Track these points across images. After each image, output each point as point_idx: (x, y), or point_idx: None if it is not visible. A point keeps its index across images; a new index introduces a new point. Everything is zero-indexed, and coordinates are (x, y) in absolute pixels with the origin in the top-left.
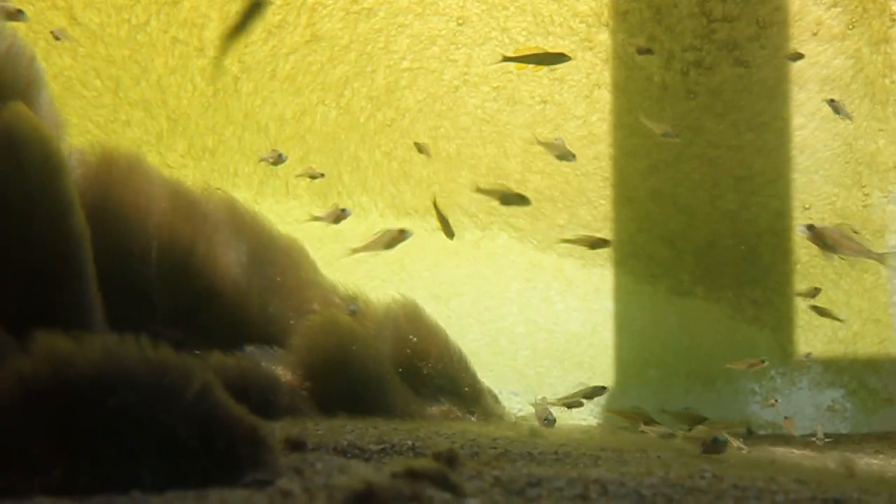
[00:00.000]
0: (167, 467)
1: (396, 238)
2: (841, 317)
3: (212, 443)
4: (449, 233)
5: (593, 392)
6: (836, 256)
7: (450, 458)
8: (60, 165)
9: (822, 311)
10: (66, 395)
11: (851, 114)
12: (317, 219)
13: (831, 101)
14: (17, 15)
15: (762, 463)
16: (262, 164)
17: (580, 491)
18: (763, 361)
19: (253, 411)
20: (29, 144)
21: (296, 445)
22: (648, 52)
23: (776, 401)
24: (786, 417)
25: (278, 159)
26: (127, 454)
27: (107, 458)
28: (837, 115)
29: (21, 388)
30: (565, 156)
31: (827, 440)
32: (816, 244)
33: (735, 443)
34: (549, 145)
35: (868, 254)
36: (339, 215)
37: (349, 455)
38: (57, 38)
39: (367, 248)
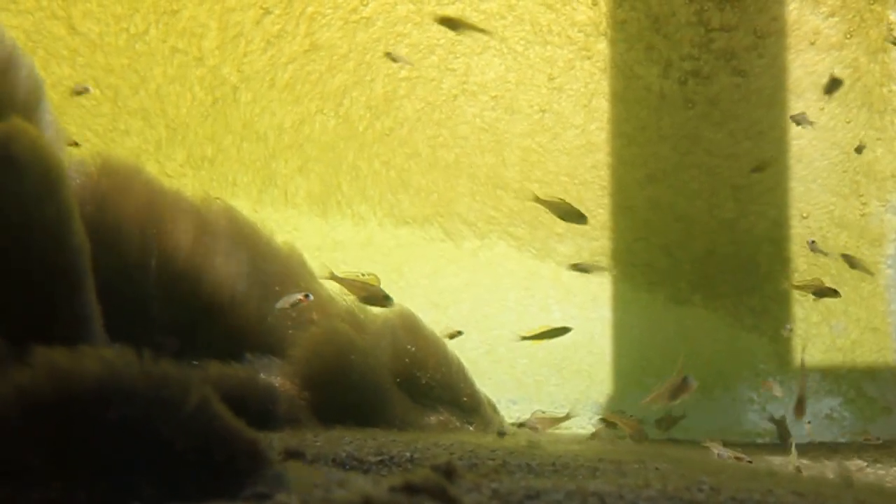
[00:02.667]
0: (166, 480)
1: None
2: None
3: (210, 456)
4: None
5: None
6: (833, 265)
7: (448, 471)
8: (59, 177)
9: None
10: (66, 407)
11: (849, 122)
12: None
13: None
14: None
15: (760, 474)
16: (261, 173)
17: None
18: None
19: (252, 422)
20: (27, 156)
21: (294, 456)
22: None
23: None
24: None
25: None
26: (126, 467)
27: (106, 471)
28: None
29: (20, 401)
30: None
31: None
32: None
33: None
34: None
35: None
36: None
37: (348, 467)
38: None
39: None
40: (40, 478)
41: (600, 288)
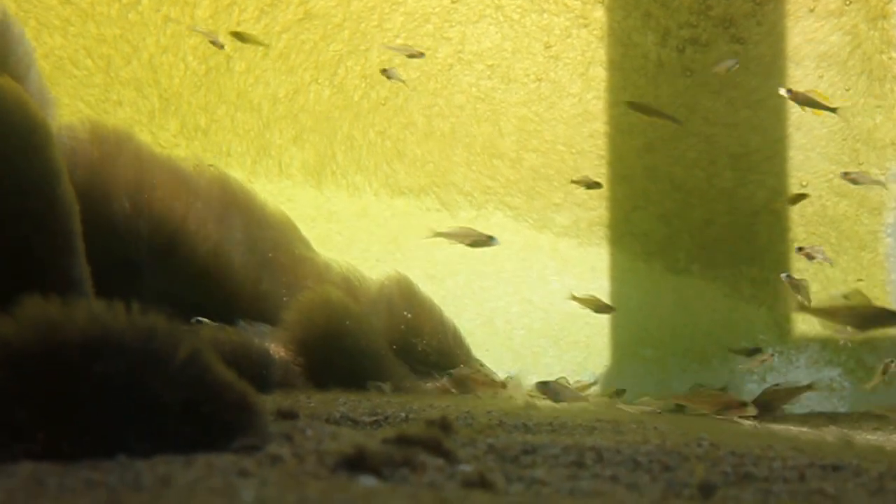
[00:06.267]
0: (154, 432)
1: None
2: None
3: (200, 408)
4: None
5: None
6: (833, 234)
7: (443, 426)
8: (47, 137)
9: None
10: (52, 359)
11: (848, 90)
12: None
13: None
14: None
15: (759, 433)
16: (255, 143)
17: (575, 458)
18: None
19: None
20: (13, 114)
21: (287, 416)
22: None
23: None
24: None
25: None
26: (113, 419)
27: (93, 423)
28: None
29: (5, 353)
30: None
31: None
32: None
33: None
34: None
35: None
36: None
37: (342, 426)
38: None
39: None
40: (26, 430)
41: (598, 258)
